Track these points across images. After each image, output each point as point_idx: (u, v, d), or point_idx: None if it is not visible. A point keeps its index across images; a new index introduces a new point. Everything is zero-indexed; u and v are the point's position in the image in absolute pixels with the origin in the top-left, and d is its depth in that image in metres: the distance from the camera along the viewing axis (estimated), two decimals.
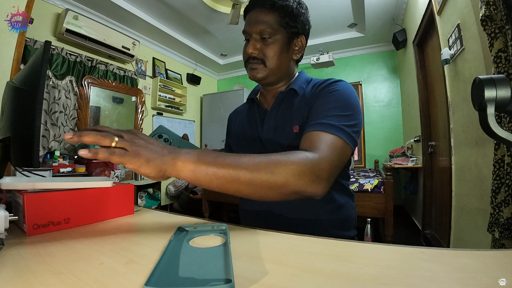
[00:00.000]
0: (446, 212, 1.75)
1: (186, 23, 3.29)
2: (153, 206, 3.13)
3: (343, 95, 0.59)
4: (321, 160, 0.47)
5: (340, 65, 3.98)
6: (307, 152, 0.48)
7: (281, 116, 0.68)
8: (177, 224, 0.45)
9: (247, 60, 0.67)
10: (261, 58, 0.65)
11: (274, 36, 0.64)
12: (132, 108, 3.38)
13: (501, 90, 0.34)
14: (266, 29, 0.63)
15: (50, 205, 0.45)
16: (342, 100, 0.58)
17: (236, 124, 0.82)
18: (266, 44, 0.64)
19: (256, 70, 0.66)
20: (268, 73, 0.66)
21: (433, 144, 2.23)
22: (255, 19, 0.64)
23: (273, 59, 0.65)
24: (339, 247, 0.38)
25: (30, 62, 0.63)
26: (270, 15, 0.63)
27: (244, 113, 0.80)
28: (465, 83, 1.40)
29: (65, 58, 2.56)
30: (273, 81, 0.69)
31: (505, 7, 0.83)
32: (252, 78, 0.68)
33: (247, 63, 0.67)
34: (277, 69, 0.67)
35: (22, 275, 0.29)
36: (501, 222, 0.87)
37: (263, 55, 0.64)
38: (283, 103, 0.70)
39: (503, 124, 0.86)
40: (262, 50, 0.64)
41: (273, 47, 0.64)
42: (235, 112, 0.88)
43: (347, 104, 0.57)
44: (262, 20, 0.63)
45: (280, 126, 0.67)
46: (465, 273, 0.28)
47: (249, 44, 0.65)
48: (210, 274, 0.28)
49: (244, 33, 0.68)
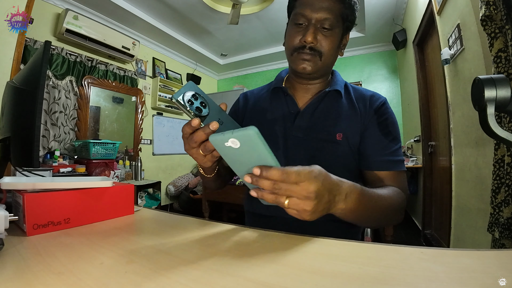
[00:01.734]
0: (446, 212, 1.75)
1: (186, 23, 3.29)
2: (153, 206, 3.13)
3: (394, 122, 0.64)
4: (406, 200, 0.58)
5: (340, 65, 3.97)
6: (403, 196, 0.56)
7: (320, 118, 0.63)
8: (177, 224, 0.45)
9: (298, 48, 0.59)
10: (318, 50, 0.58)
11: (334, 28, 0.57)
12: (132, 108, 3.38)
13: (501, 90, 0.34)
14: (330, 19, 0.56)
15: (50, 205, 0.45)
16: (395, 128, 0.63)
17: (255, 110, 0.72)
18: (325, 35, 0.57)
19: (309, 62, 0.59)
20: (319, 68, 0.60)
21: (433, 144, 2.23)
22: (319, 4, 0.56)
23: (329, 54, 0.59)
24: (339, 247, 0.38)
25: (30, 62, 0.63)
26: (335, 5, 0.56)
27: (266, 101, 0.71)
28: (465, 83, 1.40)
29: (65, 58, 2.56)
30: (318, 77, 0.65)
31: (505, 7, 0.83)
32: (300, 70, 0.60)
33: (298, 52, 0.59)
34: (328, 65, 0.62)
35: (22, 275, 0.29)
36: (501, 222, 0.87)
37: (320, 46, 0.57)
38: (322, 103, 0.64)
39: (503, 124, 0.86)
40: (321, 42, 0.57)
41: (332, 40, 0.58)
42: (247, 95, 0.78)
43: (398, 133, 0.63)
44: (327, 7, 0.56)
45: (315, 127, 0.62)
46: (465, 273, 0.28)
47: (308, 31, 0.56)
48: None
49: (298, 16, 0.58)
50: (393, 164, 0.59)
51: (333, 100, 0.64)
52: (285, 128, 0.65)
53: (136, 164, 3.07)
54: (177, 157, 4.04)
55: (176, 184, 3.64)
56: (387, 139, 0.61)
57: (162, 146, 3.78)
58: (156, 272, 0.30)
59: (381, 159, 0.60)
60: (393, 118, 0.64)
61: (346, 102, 0.65)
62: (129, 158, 3.16)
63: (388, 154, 0.60)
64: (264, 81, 4.56)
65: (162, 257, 0.34)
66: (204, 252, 0.37)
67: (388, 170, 0.59)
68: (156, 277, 0.29)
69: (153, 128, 3.65)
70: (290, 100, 0.67)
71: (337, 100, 0.64)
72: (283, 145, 0.64)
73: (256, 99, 0.74)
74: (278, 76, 0.73)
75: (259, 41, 3.77)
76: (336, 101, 0.64)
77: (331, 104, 0.64)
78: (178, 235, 0.44)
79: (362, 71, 3.88)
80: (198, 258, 0.34)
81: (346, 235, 0.64)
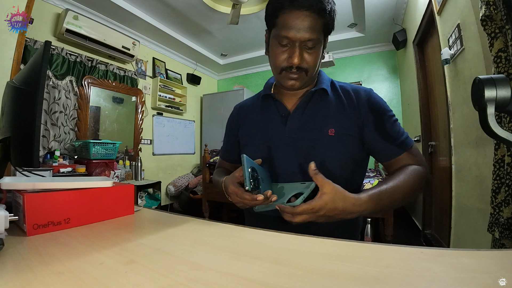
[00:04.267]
0: (446, 212, 1.75)
1: (186, 23, 3.29)
2: (153, 206, 3.13)
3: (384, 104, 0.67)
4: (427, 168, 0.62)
5: (340, 65, 3.97)
6: (422, 169, 0.60)
7: (309, 116, 0.66)
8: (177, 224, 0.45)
9: (286, 68, 0.61)
10: (305, 68, 0.60)
11: (317, 45, 0.59)
12: (132, 108, 3.37)
13: (501, 90, 0.34)
14: (313, 39, 0.57)
15: (50, 205, 0.45)
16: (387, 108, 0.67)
17: (248, 120, 0.76)
18: (309, 53, 0.60)
19: (296, 80, 0.62)
20: (307, 81, 0.64)
21: (433, 144, 2.23)
22: (302, 25, 0.56)
23: (314, 67, 0.62)
24: (339, 247, 0.38)
25: (30, 62, 0.63)
26: (318, 22, 0.57)
27: (257, 110, 0.75)
28: (465, 83, 1.40)
29: (65, 58, 2.56)
30: (306, 86, 0.68)
31: (505, 7, 0.82)
32: (289, 87, 0.65)
33: (286, 72, 0.62)
34: (314, 75, 0.65)
35: (22, 275, 0.29)
36: (501, 222, 0.87)
37: (306, 63, 0.60)
38: (310, 102, 0.67)
39: (503, 124, 0.85)
40: (306, 60, 0.60)
41: (316, 56, 0.61)
42: (241, 107, 0.82)
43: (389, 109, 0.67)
44: (310, 27, 0.56)
45: (307, 126, 0.65)
46: (465, 273, 0.28)
47: (295, 53, 0.58)
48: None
49: (282, 38, 0.59)
50: (402, 146, 0.63)
51: (320, 98, 0.67)
52: (279, 131, 0.68)
53: (136, 164, 3.07)
54: (177, 157, 4.04)
55: (176, 184, 3.64)
56: (388, 126, 0.64)
57: (162, 146, 3.78)
58: (156, 272, 0.30)
59: (390, 148, 0.63)
60: (383, 103, 0.67)
61: (334, 98, 0.67)
62: (129, 158, 3.16)
63: (394, 140, 0.63)
64: (264, 81, 4.54)
65: (162, 257, 0.34)
66: (204, 252, 0.37)
67: (400, 154, 0.63)
68: (156, 277, 0.29)
69: (153, 128, 3.65)
70: (279, 104, 0.70)
71: (324, 98, 0.67)
72: (278, 147, 0.67)
73: (249, 109, 0.78)
74: (267, 84, 0.76)
75: (259, 41, 3.76)
76: (324, 99, 0.67)
77: (319, 102, 0.67)
78: (178, 235, 0.44)
79: (362, 71, 3.88)
80: (198, 258, 0.34)
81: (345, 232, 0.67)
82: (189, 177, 3.84)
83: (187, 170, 4.21)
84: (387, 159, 0.64)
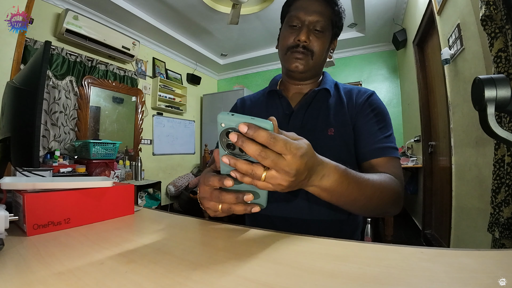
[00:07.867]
0: (446, 212, 1.75)
1: (186, 23, 3.29)
2: (153, 206, 3.13)
3: (384, 111, 0.66)
4: (402, 188, 0.57)
5: (340, 65, 3.97)
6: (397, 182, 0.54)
7: (311, 116, 0.66)
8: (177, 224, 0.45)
9: (292, 47, 0.63)
10: (311, 49, 0.62)
11: (325, 31, 0.63)
12: (132, 108, 3.38)
13: (501, 90, 0.34)
14: (321, 21, 0.61)
15: (50, 205, 0.45)
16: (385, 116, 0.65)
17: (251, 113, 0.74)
18: (317, 36, 0.62)
19: (301, 61, 0.63)
20: (311, 67, 0.65)
21: (433, 144, 2.23)
22: (312, 8, 0.61)
23: (320, 54, 0.63)
24: (339, 247, 0.38)
25: (30, 62, 0.63)
26: (326, 8, 0.62)
27: (263, 104, 0.75)
28: (465, 83, 1.40)
29: (65, 58, 2.56)
30: (309, 77, 0.68)
31: (505, 7, 0.83)
32: (293, 68, 0.64)
33: (291, 51, 0.63)
34: (319, 65, 0.66)
35: (22, 275, 0.29)
36: (501, 222, 0.87)
37: (312, 45, 0.62)
38: (313, 102, 0.68)
39: (503, 124, 0.86)
40: (313, 42, 0.62)
41: (323, 42, 0.63)
42: (245, 100, 0.81)
43: (389, 121, 0.65)
44: (319, 10, 0.61)
45: (309, 125, 0.65)
46: (465, 273, 0.28)
47: (302, 31, 0.61)
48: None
49: (292, 18, 0.63)
50: (383, 150, 0.60)
51: (323, 98, 0.68)
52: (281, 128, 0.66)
53: (136, 164, 3.07)
54: (177, 157, 4.04)
55: (176, 184, 3.64)
56: (376, 127, 0.63)
57: (162, 146, 3.78)
58: (156, 272, 0.30)
59: (372, 147, 0.61)
60: (382, 108, 0.66)
61: (335, 99, 0.68)
62: (129, 158, 3.16)
63: (378, 142, 0.61)
64: (264, 81, 4.56)
65: (162, 257, 0.34)
66: (204, 252, 0.36)
67: (380, 156, 0.60)
68: (156, 277, 0.29)
69: (153, 128, 3.65)
70: (284, 101, 0.70)
71: (327, 98, 0.68)
72: None
73: (253, 103, 0.78)
74: (273, 80, 0.77)
75: (259, 41, 3.77)
76: (326, 99, 0.68)
77: (321, 102, 0.68)
78: (178, 235, 0.44)
79: (362, 71, 3.88)
80: (198, 258, 0.34)
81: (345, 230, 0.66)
82: (189, 177, 3.84)
83: (187, 170, 4.21)
84: (368, 158, 0.61)
